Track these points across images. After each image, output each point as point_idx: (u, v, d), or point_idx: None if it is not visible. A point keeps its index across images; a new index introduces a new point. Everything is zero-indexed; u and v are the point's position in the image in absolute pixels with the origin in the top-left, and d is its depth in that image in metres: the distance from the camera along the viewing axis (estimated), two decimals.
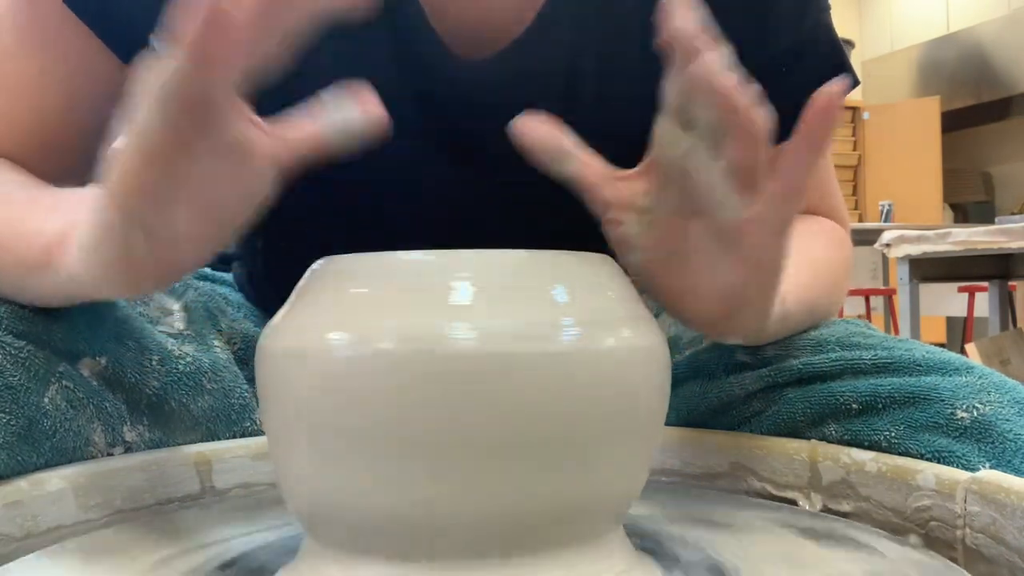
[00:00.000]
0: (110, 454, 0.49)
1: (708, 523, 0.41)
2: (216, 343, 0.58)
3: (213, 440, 0.54)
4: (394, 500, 0.30)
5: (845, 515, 0.45)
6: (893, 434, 0.48)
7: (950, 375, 0.50)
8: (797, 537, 0.40)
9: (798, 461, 0.48)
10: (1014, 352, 2.64)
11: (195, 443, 0.53)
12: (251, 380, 0.58)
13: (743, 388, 0.55)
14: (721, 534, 0.40)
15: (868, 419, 0.49)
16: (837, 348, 0.54)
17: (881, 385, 0.50)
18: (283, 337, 0.33)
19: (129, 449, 0.50)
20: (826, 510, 0.46)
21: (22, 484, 0.43)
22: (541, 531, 0.31)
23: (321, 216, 0.62)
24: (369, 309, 0.31)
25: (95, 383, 0.49)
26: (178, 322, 0.58)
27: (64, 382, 0.47)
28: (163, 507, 0.47)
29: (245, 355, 0.61)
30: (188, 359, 0.54)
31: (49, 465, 0.46)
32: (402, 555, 0.31)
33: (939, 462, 0.46)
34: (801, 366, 0.53)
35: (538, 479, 0.31)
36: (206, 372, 0.55)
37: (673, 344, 0.61)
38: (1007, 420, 0.47)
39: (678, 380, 0.58)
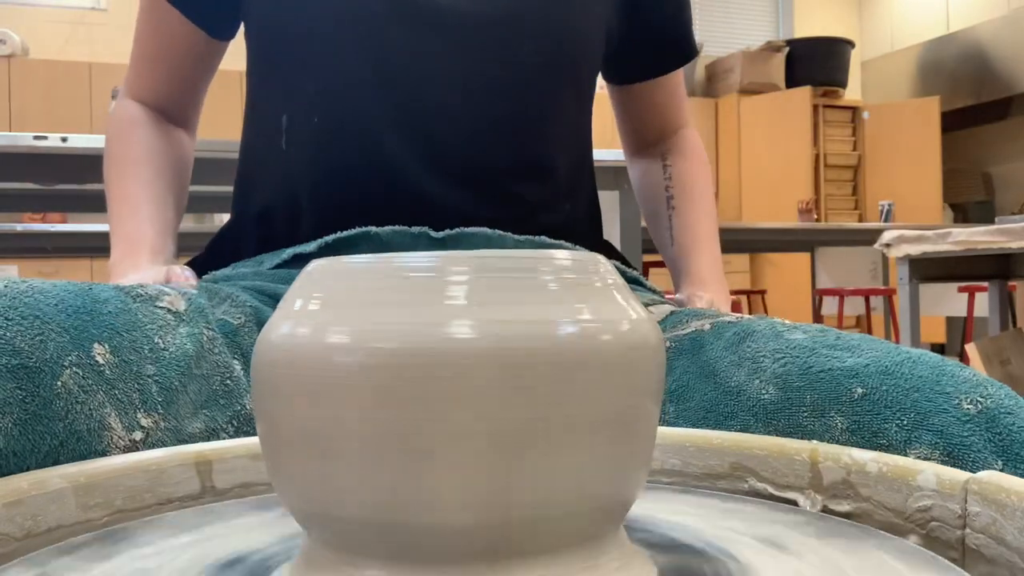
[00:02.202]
0: (132, 439, 0.50)
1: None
2: (206, 331, 0.59)
3: (215, 426, 0.56)
4: (392, 500, 0.30)
5: (846, 515, 0.45)
6: (905, 422, 0.48)
7: (946, 368, 0.51)
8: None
9: (799, 462, 0.48)
10: (1014, 352, 2.64)
11: (200, 429, 0.55)
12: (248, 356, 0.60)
13: (755, 351, 0.58)
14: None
15: (873, 406, 0.50)
16: (839, 336, 0.57)
17: (886, 374, 0.51)
18: (279, 337, 0.33)
19: (148, 434, 0.52)
20: (826, 510, 0.46)
21: (22, 484, 0.43)
22: (540, 531, 0.31)
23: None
24: (366, 309, 0.31)
25: (108, 372, 0.51)
26: (179, 304, 0.59)
27: (75, 369, 0.50)
28: (163, 507, 0.47)
29: (253, 328, 0.63)
30: (176, 344, 0.56)
31: (64, 447, 0.47)
32: (400, 555, 0.31)
33: (950, 454, 0.46)
34: (810, 343, 0.57)
35: (538, 479, 0.31)
36: (192, 357, 0.57)
37: (691, 312, 0.68)
38: (1009, 413, 0.47)
39: (698, 343, 0.63)
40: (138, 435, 0.51)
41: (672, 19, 0.96)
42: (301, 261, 0.71)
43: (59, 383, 0.48)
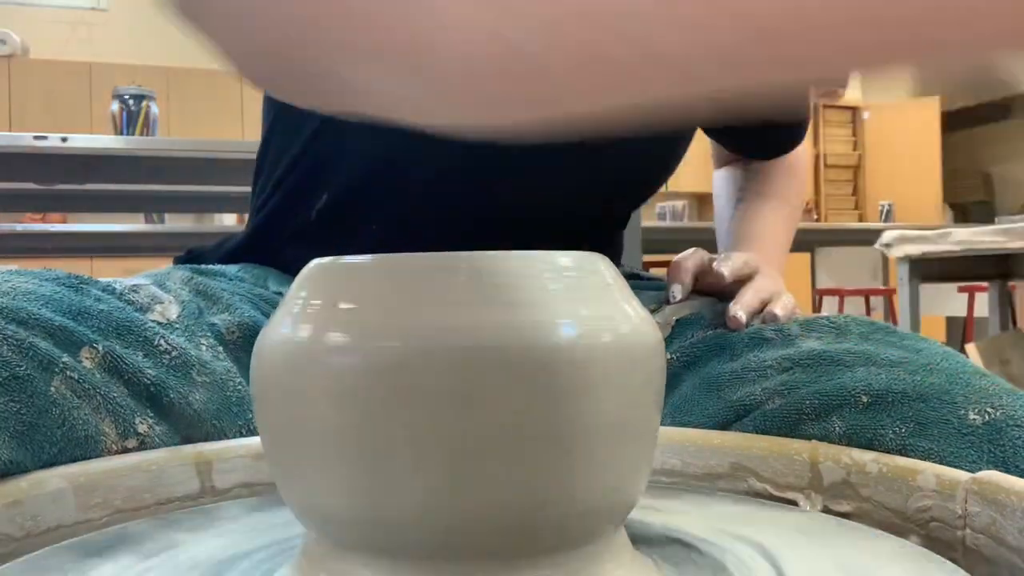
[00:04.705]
0: (125, 447, 0.49)
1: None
2: (203, 340, 0.58)
3: (221, 436, 0.54)
4: (393, 500, 0.30)
5: (846, 515, 0.45)
6: (902, 430, 0.48)
7: (963, 376, 0.50)
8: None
9: (799, 462, 0.48)
10: (1014, 352, 2.64)
11: (203, 439, 0.53)
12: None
13: (761, 361, 0.57)
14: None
15: (875, 415, 0.49)
16: (858, 340, 0.56)
17: (896, 381, 0.50)
18: (280, 337, 0.32)
19: (144, 441, 0.50)
20: (827, 511, 0.46)
21: (22, 484, 0.43)
22: (541, 532, 0.31)
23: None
24: (367, 309, 0.31)
25: (98, 375, 0.50)
26: (170, 312, 0.58)
27: (68, 372, 0.48)
28: (163, 507, 0.47)
29: (246, 344, 0.61)
30: (175, 352, 0.54)
31: (63, 454, 0.46)
32: (401, 556, 0.31)
33: (942, 463, 0.46)
34: (821, 348, 0.55)
35: (538, 479, 0.31)
36: (194, 365, 0.55)
37: (698, 322, 0.66)
38: (1018, 426, 0.47)
39: (704, 356, 0.62)
40: (132, 443, 0.50)
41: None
42: None
43: (52, 388, 0.47)
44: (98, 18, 5.74)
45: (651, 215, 5.62)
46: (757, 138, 0.91)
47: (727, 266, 0.67)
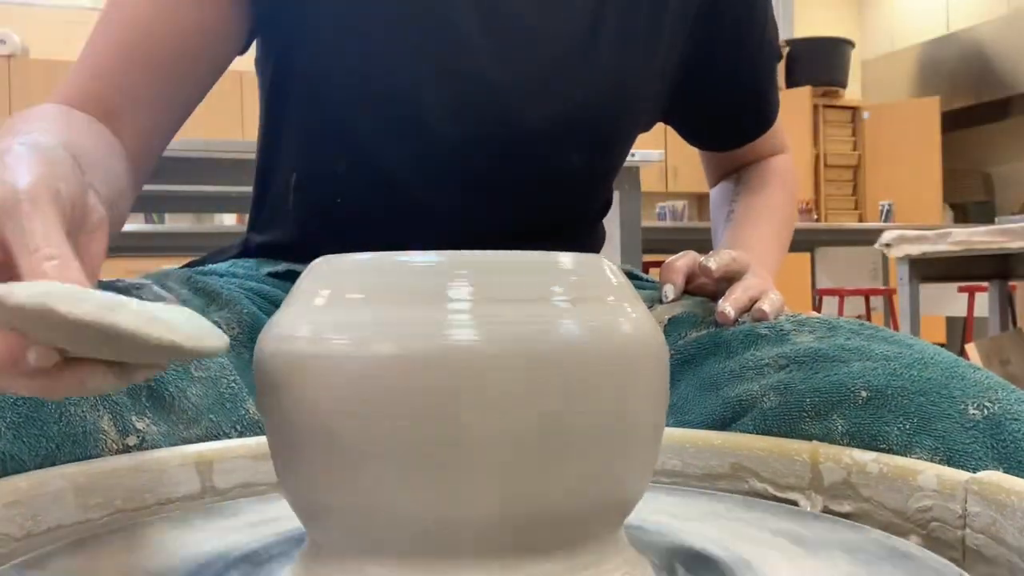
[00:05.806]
0: (126, 444, 0.49)
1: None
2: None
3: (218, 431, 0.54)
4: (394, 500, 0.30)
5: (846, 516, 0.45)
6: (907, 426, 0.48)
7: (958, 370, 0.50)
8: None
9: (799, 462, 0.48)
10: (1014, 352, 2.64)
11: (201, 435, 0.53)
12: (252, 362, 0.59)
13: (758, 360, 0.57)
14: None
15: (876, 411, 0.49)
16: (849, 335, 0.56)
17: (893, 376, 0.50)
18: (282, 338, 0.32)
19: (143, 438, 0.50)
20: (827, 511, 0.46)
21: (22, 484, 0.43)
22: (542, 532, 0.31)
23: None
24: (368, 310, 0.31)
25: None
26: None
27: None
28: (163, 507, 0.47)
29: (247, 340, 0.62)
30: None
31: (62, 450, 0.46)
32: (402, 555, 0.31)
33: (950, 460, 0.46)
34: (816, 345, 0.56)
35: (539, 480, 0.31)
36: (192, 360, 0.55)
37: (690, 320, 0.66)
38: (1016, 419, 0.47)
39: (700, 354, 0.62)
40: (132, 440, 0.50)
41: (750, 92, 0.89)
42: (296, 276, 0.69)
43: None
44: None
45: (651, 215, 5.62)
46: (717, 128, 0.92)
47: (715, 260, 0.67)
